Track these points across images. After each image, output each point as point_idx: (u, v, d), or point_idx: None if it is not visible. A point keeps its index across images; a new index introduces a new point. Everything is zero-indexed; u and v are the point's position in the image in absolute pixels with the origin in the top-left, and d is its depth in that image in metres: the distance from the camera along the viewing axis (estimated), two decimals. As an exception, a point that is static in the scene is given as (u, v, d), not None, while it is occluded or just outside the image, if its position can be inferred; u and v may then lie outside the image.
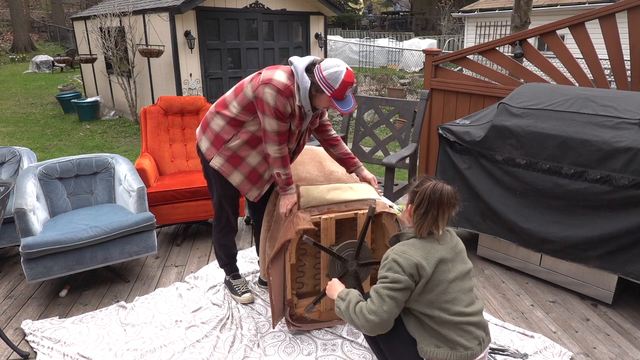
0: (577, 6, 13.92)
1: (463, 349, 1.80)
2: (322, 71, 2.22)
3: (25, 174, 3.17)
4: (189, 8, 7.33)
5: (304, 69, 2.27)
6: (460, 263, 1.88)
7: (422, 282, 1.77)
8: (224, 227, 2.77)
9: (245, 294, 2.87)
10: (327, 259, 2.44)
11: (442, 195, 1.80)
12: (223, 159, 2.47)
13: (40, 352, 2.44)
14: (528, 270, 3.19)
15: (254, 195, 2.59)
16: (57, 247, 2.73)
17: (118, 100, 9.75)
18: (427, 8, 29.98)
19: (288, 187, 2.43)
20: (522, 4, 7.47)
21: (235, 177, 2.51)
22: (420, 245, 1.82)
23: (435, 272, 1.79)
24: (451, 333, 1.80)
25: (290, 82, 2.27)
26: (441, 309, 1.79)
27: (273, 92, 2.24)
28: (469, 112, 4.51)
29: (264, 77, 2.28)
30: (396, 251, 1.82)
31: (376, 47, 18.73)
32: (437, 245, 1.84)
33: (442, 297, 1.79)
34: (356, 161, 2.68)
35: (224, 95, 2.51)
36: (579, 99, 2.93)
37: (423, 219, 1.82)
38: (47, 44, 24.48)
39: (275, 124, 2.30)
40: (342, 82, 2.20)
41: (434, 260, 1.79)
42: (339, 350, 2.44)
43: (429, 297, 1.79)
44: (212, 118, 2.50)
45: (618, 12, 3.56)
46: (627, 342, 2.57)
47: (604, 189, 2.67)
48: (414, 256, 1.77)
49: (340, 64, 2.23)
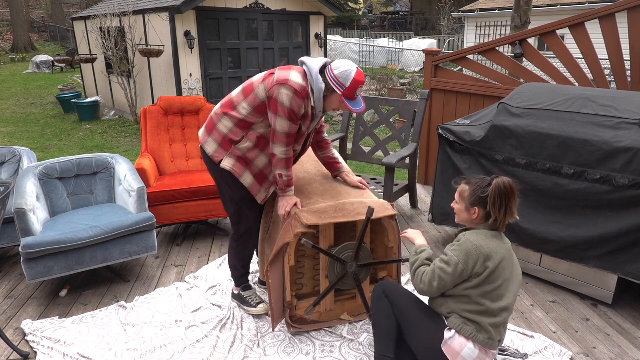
0: (577, 6, 13.92)
1: (487, 338, 1.94)
2: (333, 70, 2.24)
3: (25, 174, 3.17)
4: (189, 8, 7.33)
5: (318, 70, 2.26)
6: (517, 266, 2.04)
7: (485, 274, 1.91)
8: (243, 235, 2.62)
9: (261, 305, 2.72)
10: (326, 260, 2.44)
11: (510, 187, 1.94)
12: (234, 159, 2.41)
13: (40, 352, 2.44)
14: (528, 270, 3.19)
15: (262, 197, 2.53)
16: (57, 247, 2.73)
17: (118, 100, 9.75)
18: (427, 8, 29.98)
19: (288, 189, 2.42)
20: (522, 4, 7.47)
21: (247, 177, 2.45)
22: (490, 240, 1.96)
23: (497, 270, 1.93)
24: (485, 320, 1.94)
25: (306, 83, 2.26)
26: (491, 300, 1.94)
27: (290, 92, 2.20)
28: (469, 112, 4.51)
29: (279, 78, 2.24)
30: (469, 239, 1.95)
31: (376, 47, 18.73)
32: (502, 243, 1.98)
33: (498, 290, 1.94)
34: (340, 166, 2.69)
35: (230, 96, 2.45)
36: (579, 99, 2.93)
37: (505, 214, 1.96)
38: (47, 44, 24.48)
39: (287, 125, 2.26)
40: (353, 80, 2.21)
41: (499, 257, 1.93)
42: (337, 352, 2.45)
43: (486, 288, 1.93)
44: (219, 119, 2.43)
45: (618, 12, 3.56)
46: (627, 342, 2.57)
47: (604, 189, 2.67)
48: (485, 247, 1.92)
49: (350, 64, 2.25)
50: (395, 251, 2.57)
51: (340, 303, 2.61)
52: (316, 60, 2.31)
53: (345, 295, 2.64)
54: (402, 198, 4.67)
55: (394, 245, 2.56)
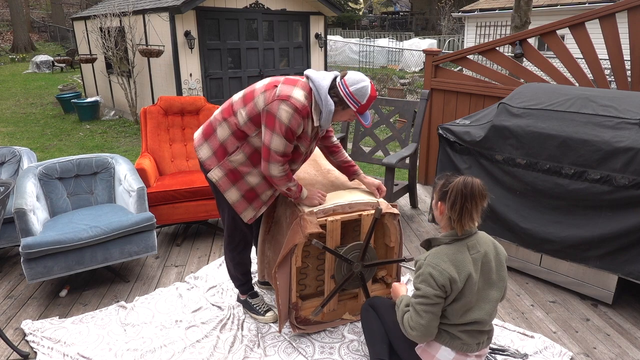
0: (577, 6, 13.91)
1: (462, 343, 1.92)
2: (348, 87, 2.14)
3: (25, 174, 3.17)
4: (189, 8, 7.33)
5: (327, 89, 2.16)
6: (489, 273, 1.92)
7: (452, 295, 1.84)
8: (238, 244, 2.55)
9: (269, 313, 2.69)
10: (332, 261, 2.43)
11: (473, 188, 1.82)
12: (222, 172, 2.32)
13: (40, 352, 2.44)
14: (528, 270, 3.19)
15: (249, 216, 2.42)
16: (57, 247, 2.73)
17: (118, 100, 9.75)
18: (427, 8, 29.99)
19: (301, 193, 2.34)
20: (522, 4, 7.47)
21: (232, 194, 2.35)
22: (453, 256, 1.85)
23: (465, 287, 1.84)
24: (454, 330, 1.91)
25: (308, 102, 2.16)
26: (457, 316, 1.88)
27: (290, 110, 2.10)
28: (469, 112, 4.51)
29: (281, 93, 2.14)
30: (430, 263, 1.85)
31: (376, 47, 18.73)
32: (467, 255, 1.87)
33: (465, 307, 1.87)
34: (356, 169, 2.60)
35: (231, 101, 2.35)
36: (579, 99, 2.93)
37: (460, 214, 1.84)
38: (47, 44, 24.48)
39: (283, 144, 2.15)
40: (369, 97, 2.15)
41: (465, 274, 1.83)
42: (336, 353, 2.44)
43: (454, 306, 1.87)
44: (218, 125, 2.33)
45: (618, 12, 3.56)
46: (627, 342, 2.57)
47: (604, 189, 2.67)
48: (447, 270, 1.82)
49: (365, 79, 2.16)
50: (397, 251, 2.57)
51: (342, 303, 2.61)
52: (323, 76, 2.19)
53: (347, 295, 2.64)
54: (402, 198, 4.67)
55: (395, 245, 2.56)
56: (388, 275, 2.70)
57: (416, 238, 3.85)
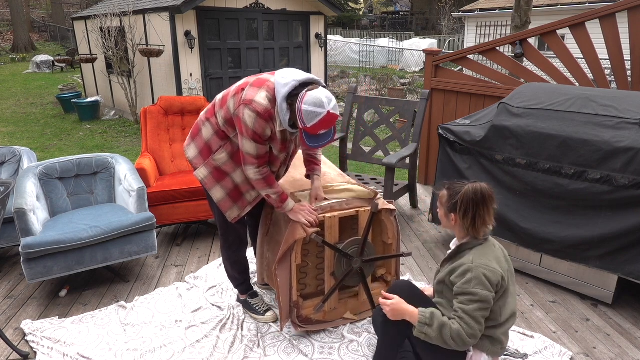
0: (577, 6, 13.91)
1: (500, 348, 1.94)
2: (302, 103, 2.02)
3: (25, 174, 3.17)
4: (189, 8, 7.34)
5: (285, 96, 2.09)
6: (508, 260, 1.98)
7: (500, 292, 1.86)
8: (232, 244, 2.58)
9: (269, 313, 2.70)
10: (332, 258, 2.44)
11: (483, 193, 1.87)
12: (208, 170, 2.36)
13: (40, 352, 2.44)
14: (528, 270, 3.18)
15: (234, 215, 2.42)
16: (57, 247, 2.73)
17: (118, 100, 9.75)
18: (427, 8, 29.98)
19: (284, 204, 2.32)
20: (523, 4, 7.46)
21: (217, 192, 2.38)
22: (493, 255, 1.89)
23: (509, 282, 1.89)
24: (497, 332, 1.91)
25: (272, 105, 2.13)
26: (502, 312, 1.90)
27: (252, 114, 2.11)
28: (469, 112, 4.51)
29: (246, 97, 2.14)
30: (480, 264, 1.84)
31: (376, 47, 18.72)
32: (499, 251, 1.93)
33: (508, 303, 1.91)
34: (315, 169, 2.50)
35: (214, 102, 2.37)
36: (579, 99, 2.93)
37: (474, 222, 1.88)
38: (48, 43, 24.49)
39: (253, 147, 2.18)
40: (314, 125, 2.02)
41: (505, 269, 1.89)
42: (336, 353, 2.44)
43: (499, 304, 1.88)
44: (202, 125, 2.39)
45: (618, 12, 3.56)
46: (627, 342, 2.56)
47: (604, 189, 2.67)
48: (497, 268, 1.84)
49: (322, 110, 1.99)
50: (394, 248, 2.59)
51: (343, 301, 2.62)
52: (286, 83, 2.10)
53: (347, 294, 2.64)
54: (402, 198, 4.67)
55: (393, 241, 2.57)
56: (387, 274, 2.71)
57: (416, 238, 3.85)
